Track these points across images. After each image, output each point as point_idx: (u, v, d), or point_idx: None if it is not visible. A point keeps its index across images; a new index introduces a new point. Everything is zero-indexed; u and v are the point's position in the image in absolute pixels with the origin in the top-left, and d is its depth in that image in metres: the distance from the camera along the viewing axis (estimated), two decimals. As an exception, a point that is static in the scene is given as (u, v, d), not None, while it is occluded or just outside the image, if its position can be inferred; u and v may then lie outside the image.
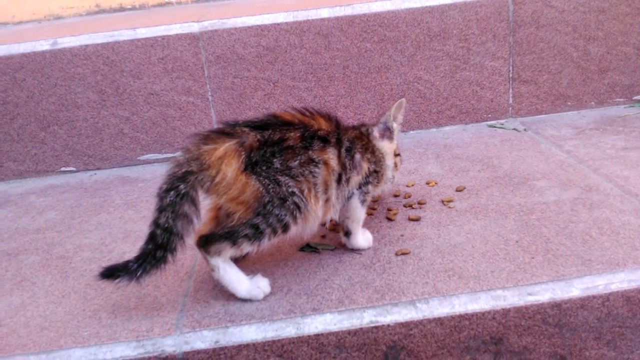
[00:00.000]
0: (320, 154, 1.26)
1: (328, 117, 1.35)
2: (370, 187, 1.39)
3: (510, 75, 2.25)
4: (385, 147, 1.46)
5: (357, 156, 1.34)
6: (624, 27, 2.22)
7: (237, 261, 1.36)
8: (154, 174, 2.14)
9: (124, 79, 2.14)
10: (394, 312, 1.19)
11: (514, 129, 2.19)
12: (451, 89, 2.24)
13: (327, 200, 1.29)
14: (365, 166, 1.36)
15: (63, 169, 2.23)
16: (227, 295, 1.27)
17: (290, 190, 1.21)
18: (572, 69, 2.25)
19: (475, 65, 2.22)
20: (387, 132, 1.47)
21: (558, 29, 2.20)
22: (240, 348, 1.16)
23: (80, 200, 1.97)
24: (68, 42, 2.12)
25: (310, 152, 1.24)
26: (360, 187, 1.36)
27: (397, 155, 1.50)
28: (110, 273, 1.19)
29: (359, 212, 1.38)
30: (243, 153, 1.19)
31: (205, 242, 1.23)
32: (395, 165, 1.50)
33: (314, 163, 1.25)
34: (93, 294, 1.36)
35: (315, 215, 1.27)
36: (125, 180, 2.11)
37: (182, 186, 1.18)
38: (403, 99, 1.46)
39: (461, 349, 1.21)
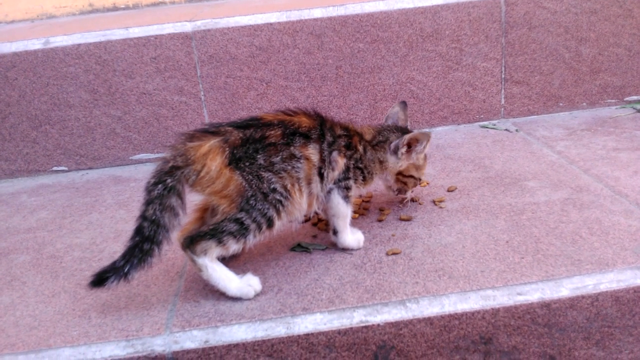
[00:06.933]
0: (302, 149, 1.30)
1: (311, 115, 1.39)
2: (350, 182, 1.40)
3: (503, 76, 2.25)
4: (390, 161, 1.49)
5: (334, 153, 1.36)
6: (615, 28, 2.23)
7: (228, 261, 1.37)
8: (145, 173, 2.11)
9: (117, 78, 2.14)
10: (384, 311, 1.20)
11: (506, 129, 2.20)
12: (444, 89, 2.25)
13: (310, 193, 1.33)
14: (341, 162, 1.37)
15: (55, 168, 2.22)
16: (217, 294, 1.27)
17: (272, 186, 1.25)
18: (564, 70, 2.26)
19: (467, 66, 2.23)
20: (395, 151, 1.49)
21: (550, 30, 2.21)
22: (230, 348, 1.16)
23: (71, 199, 1.96)
24: (60, 41, 2.11)
25: (292, 148, 1.29)
26: (338, 182, 1.37)
27: (407, 176, 1.53)
28: (99, 279, 1.20)
29: (342, 208, 1.39)
30: (227, 149, 1.24)
31: (191, 242, 1.24)
32: (405, 184, 1.55)
33: (296, 158, 1.29)
34: (83, 293, 1.36)
35: (300, 207, 1.31)
36: (117, 180, 2.10)
37: (169, 180, 1.22)
38: (431, 134, 1.49)
39: (451, 348, 1.21)
